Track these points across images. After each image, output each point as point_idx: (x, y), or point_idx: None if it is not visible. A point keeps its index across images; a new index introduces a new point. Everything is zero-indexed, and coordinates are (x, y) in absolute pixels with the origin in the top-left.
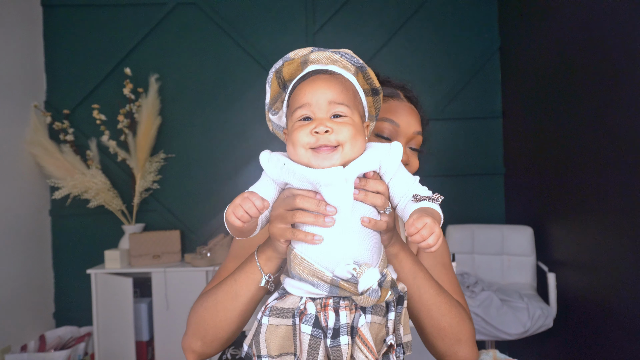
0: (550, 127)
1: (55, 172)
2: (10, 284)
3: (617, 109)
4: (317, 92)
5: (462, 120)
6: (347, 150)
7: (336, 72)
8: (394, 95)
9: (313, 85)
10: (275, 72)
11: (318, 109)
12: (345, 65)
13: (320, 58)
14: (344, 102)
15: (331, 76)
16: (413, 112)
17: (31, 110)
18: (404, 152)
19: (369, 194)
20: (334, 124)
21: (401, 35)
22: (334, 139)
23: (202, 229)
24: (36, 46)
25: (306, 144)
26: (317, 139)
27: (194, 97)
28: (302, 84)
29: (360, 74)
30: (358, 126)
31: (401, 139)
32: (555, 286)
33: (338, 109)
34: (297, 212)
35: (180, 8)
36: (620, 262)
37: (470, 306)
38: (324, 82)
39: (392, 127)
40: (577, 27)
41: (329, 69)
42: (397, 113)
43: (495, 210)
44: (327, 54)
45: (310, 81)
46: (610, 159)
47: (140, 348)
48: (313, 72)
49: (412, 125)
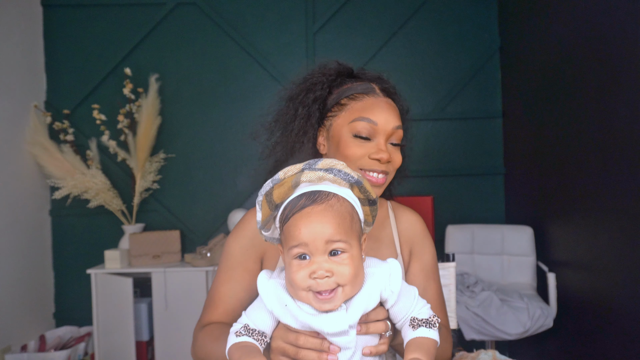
0: (550, 127)
1: (55, 172)
2: (10, 284)
3: (617, 109)
4: (313, 231)
5: (462, 120)
6: (348, 290)
7: (330, 195)
8: (368, 91)
9: (308, 222)
10: (265, 194)
11: (315, 249)
12: (339, 182)
13: (312, 178)
14: (341, 238)
15: (325, 207)
16: (390, 106)
17: (31, 110)
18: (384, 150)
19: (370, 325)
20: (333, 265)
21: (401, 35)
22: (333, 282)
23: (202, 229)
24: (36, 46)
25: (306, 287)
26: (317, 284)
27: (194, 97)
28: (296, 217)
29: (355, 187)
30: (357, 259)
31: (380, 137)
32: (555, 286)
33: (335, 246)
34: (300, 351)
35: (180, 8)
36: (620, 262)
37: (470, 306)
38: (320, 218)
39: (370, 126)
40: (577, 27)
41: (322, 190)
42: (374, 110)
43: (495, 210)
44: (320, 174)
45: (304, 215)
46: (610, 159)
47: (140, 348)
48: (307, 200)
49: (391, 121)
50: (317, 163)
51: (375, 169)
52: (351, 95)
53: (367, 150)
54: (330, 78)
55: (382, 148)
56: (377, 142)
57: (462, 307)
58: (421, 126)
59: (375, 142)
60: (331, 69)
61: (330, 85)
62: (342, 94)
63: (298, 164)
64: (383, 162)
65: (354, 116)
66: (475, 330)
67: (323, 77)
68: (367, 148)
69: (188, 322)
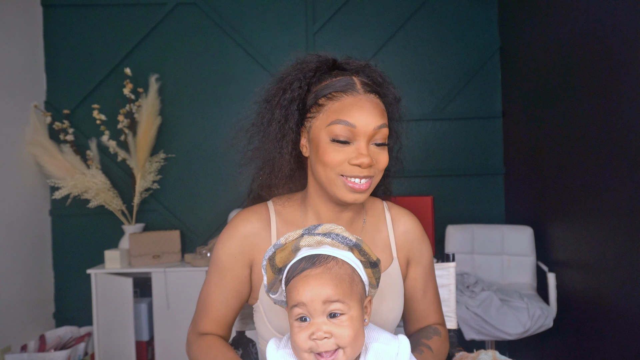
0: (550, 127)
1: (55, 172)
2: (10, 284)
3: (617, 109)
4: (310, 292)
5: (462, 120)
6: (349, 352)
7: (329, 258)
8: (347, 88)
9: (306, 283)
10: (268, 259)
11: (314, 310)
12: (337, 246)
13: (311, 242)
14: (339, 299)
15: (323, 269)
16: (371, 104)
17: (31, 110)
18: (364, 154)
19: None
20: (332, 327)
21: (401, 35)
22: (333, 343)
23: (202, 229)
24: (36, 46)
25: (308, 349)
26: (317, 345)
27: (194, 97)
28: (296, 279)
29: (355, 250)
30: (357, 321)
31: (360, 139)
32: (555, 286)
33: (334, 307)
34: None
35: (180, 8)
36: (620, 262)
37: (470, 306)
38: (317, 281)
39: (348, 129)
40: (577, 27)
41: (321, 253)
42: (352, 111)
43: (495, 210)
44: (318, 239)
45: (303, 278)
46: (611, 159)
47: (140, 348)
48: (306, 263)
49: (371, 122)
50: (317, 228)
51: (356, 175)
52: (329, 95)
53: (347, 155)
54: (309, 75)
55: (363, 152)
56: (357, 146)
57: (462, 307)
58: (421, 126)
59: (356, 146)
60: (310, 64)
61: (309, 83)
62: (320, 92)
63: (298, 230)
64: (364, 167)
65: (331, 118)
66: (475, 330)
67: (300, 75)
68: (346, 153)
69: (188, 322)
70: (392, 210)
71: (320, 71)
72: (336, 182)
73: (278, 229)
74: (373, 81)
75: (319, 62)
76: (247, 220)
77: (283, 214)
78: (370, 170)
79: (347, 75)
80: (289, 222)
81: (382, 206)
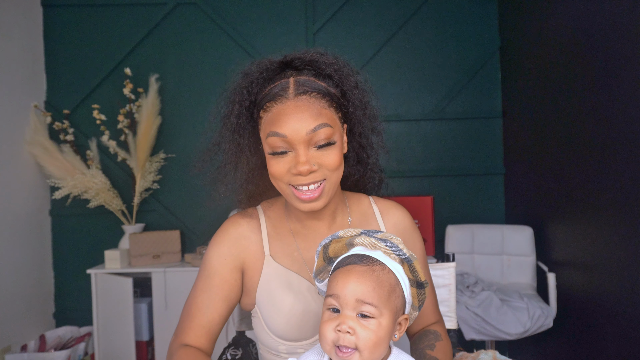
0: (550, 127)
1: (55, 172)
2: (11, 284)
3: (617, 109)
4: (347, 286)
5: (462, 120)
6: (365, 356)
7: (377, 262)
8: (278, 96)
9: (346, 277)
10: (323, 246)
11: (346, 304)
12: (390, 254)
13: (366, 243)
14: (373, 302)
15: (368, 269)
16: (302, 107)
17: (31, 110)
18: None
19: None
20: (357, 326)
21: (401, 35)
22: (353, 341)
23: (202, 229)
24: (36, 46)
25: (330, 341)
26: (339, 337)
27: (194, 97)
28: (339, 270)
29: (406, 264)
30: (384, 330)
31: (297, 147)
32: (555, 286)
33: (365, 308)
34: None
35: (180, 8)
36: (620, 262)
37: (470, 306)
38: (357, 277)
39: (281, 140)
40: (577, 27)
41: (372, 256)
42: (281, 121)
43: (495, 210)
44: (373, 241)
45: (346, 271)
46: (611, 158)
47: (140, 348)
48: (355, 259)
49: (302, 127)
50: (377, 233)
51: (301, 183)
52: (264, 106)
53: (288, 164)
54: (253, 84)
55: (301, 159)
56: (295, 154)
57: (462, 307)
58: (421, 126)
59: (294, 154)
60: (252, 74)
61: (255, 92)
62: (258, 105)
63: (358, 228)
64: (305, 174)
65: (266, 131)
66: (475, 330)
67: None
68: (287, 162)
69: None
70: (379, 204)
71: (262, 79)
72: (288, 194)
73: (268, 232)
74: (319, 74)
75: (260, 70)
76: (237, 223)
77: (272, 217)
78: (317, 175)
79: (285, 78)
80: (277, 225)
81: (368, 201)
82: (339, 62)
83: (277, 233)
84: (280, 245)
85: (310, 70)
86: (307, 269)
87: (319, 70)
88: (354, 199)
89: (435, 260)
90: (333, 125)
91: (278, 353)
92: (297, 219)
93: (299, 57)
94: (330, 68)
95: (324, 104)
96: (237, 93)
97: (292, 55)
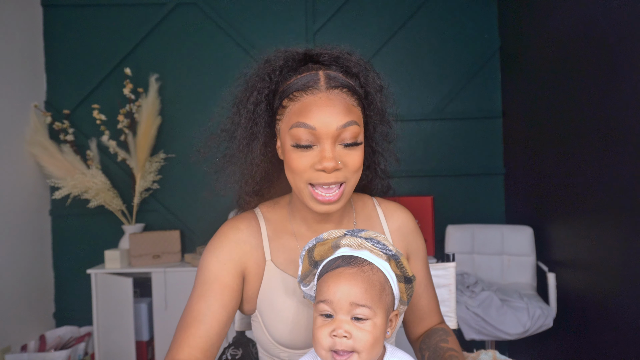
0: (550, 127)
1: (55, 172)
2: (10, 284)
3: (617, 109)
4: (339, 291)
5: (462, 120)
6: (364, 358)
7: (365, 262)
8: (308, 86)
9: (337, 281)
10: (308, 250)
11: (339, 309)
12: (377, 253)
13: (352, 243)
14: (366, 304)
15: (357, 271)
16: (333, 102)
17: (31, 110)
18: (328, 158)
19: None
20: (353, 329)
21: (401, 35)
22: (351, 345)
23: (202, 229)
24: (36, 46)
25: (327, 347)
26: (335, 342)
27: (194, 97)
28: (328, 275)
29: (392, 261)
30: (379, 329)
31: (324, 141)
32: (555, 286)
33: (359, 310)
34: None
35: (180, 8)
36: (620, 262)
37: (470, 306)
38: (348, 280)
39: (309, 132)
40: (577, 26)
41: (359, 256)
42: (311, 112)
43: (495, 210)
44: (359, 241)
45: (336, 275)
46: (611, 158)
47: (140, 348)
48: (342, 262)
49: (332, 122)
50: (361, 232)
51: (323, 182)
52: (290, 95)
53: (311, 160)
54: (274, 73)
55: (327, 155)
56: (321, 149)
57: (462, 307)
58: (421, 126)
59: (319, 149)
60: (276, 62)
61: (276, 82)
62: (283, 93)
63: (342, 229)
64: (329, 171)
65: (292, 121)
66: (475, 330)
67: (265, 74)
68: (310, 157)
69: None
70: (383, 206)
71: (287, 68)
72: (304, 192)
73: (269, 236)
74: (346, 72)
75: (285, 59)
76: (236, 227)
77: (272, 220)
78: (339, 175)
79: (314, 70)
80: (278, 229)
81: (372, 202)
82: (366, 64)
83: (278, 237)
84: (282, 249)
85: (338, 67)
86: None
87: (347, 68)
88: (359, 201)
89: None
90: (360, 124)
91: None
92: (303, 221)
93: (326, 52)
94: (357, 67)
95: (354, 101)
96: (258, 79)
97: (317, 49)
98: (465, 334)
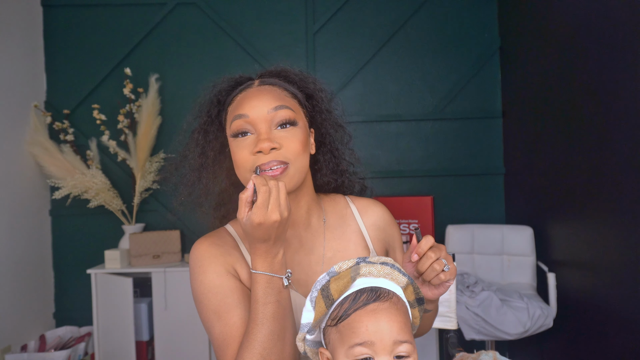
0: (550, 127)
1: (55, 172)
2: (10, 284)
3: (617, 109)
4: (381, 329)
5: (462, 120)
6: None
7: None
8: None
9: (375, 319)
10: (322, 289)
11: (382, 349)
12: (394, 278)
13: (372, 271)
14: (408, 339)
15: (391, 305)
16: (262, 91)
17: (31, 110)
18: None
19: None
20: None
21: (401, 35)
22: None
23: (202, 229)
24: (36, 46)
25: None
26: None
27: (194, 97)
28: (360, 313)
29: (410, 285)
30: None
31: (258, 126)
32: (555, 286)
33: (402, 348)
34: None
35: (180, 8)
36: (620, 262)
37: (470, 306)
38: (387, 316)
39: (243, 121)
40: (577, 27)
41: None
42: (243, 103)
43: (495, 210)
44: (378, 267)
45: (370, 312)
46: (611, 158)
47: (140, 348)
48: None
49: (262, 106)
50: (373, 258)
51: (264, 161)
52: (231, 102)
53: (250, 146)
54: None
55: (262, 137)
56: (257, 134)
57: (462, 307)
58: (421, 126)
59: (255, 134)
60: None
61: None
62: (227, 104)
63: (352, 259)
64: (266, 152)
65: (230, 120)
66: (475, 330)
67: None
68: (249, 144)
69: (188, 322)
70: (357, 203)
71: (231, 86)
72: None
73: (247, 248)
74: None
75: (230, 82)
76: (214, 244)
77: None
78: (278, 154)
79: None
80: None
81: (345, 201)
82: (304, 74)
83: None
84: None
85: (276, 77)
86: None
87: (284, 78)
88: (328, 200)
89: None
90: (295, 111)
91: None
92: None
93: (268, 70)
94: (296, 77)
95: (287, 93)
96: (206, 103)
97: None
98: (465, 334)
